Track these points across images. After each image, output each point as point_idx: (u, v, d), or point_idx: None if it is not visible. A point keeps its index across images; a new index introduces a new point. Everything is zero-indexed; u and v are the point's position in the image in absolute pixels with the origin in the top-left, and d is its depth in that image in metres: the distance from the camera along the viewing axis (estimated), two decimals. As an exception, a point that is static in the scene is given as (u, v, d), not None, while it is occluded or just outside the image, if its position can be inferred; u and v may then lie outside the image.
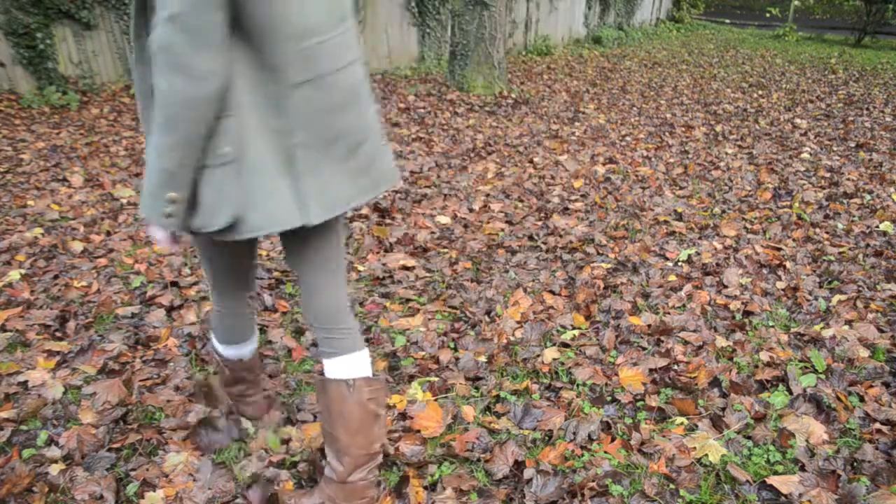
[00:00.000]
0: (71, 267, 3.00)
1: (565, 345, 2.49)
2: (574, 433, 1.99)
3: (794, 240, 3.53)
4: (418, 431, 1.99)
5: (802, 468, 1.88)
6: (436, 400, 2.14)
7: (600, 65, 9.79)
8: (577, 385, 2.25)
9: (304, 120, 1.26)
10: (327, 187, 1.30)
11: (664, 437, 1.99)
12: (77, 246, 3.20)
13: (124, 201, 3.84)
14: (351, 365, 1.52)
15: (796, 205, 4.03)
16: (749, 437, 2.01)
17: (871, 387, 2.24)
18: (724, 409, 2.12)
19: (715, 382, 2.24)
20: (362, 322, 2.62)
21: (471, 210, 3.86)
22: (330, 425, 1.52)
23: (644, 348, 2.47)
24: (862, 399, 2.20)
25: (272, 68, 1.21)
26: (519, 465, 1.86)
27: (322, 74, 1.25)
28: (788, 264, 3.18)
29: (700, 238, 3.54)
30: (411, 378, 2.27)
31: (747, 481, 1.81)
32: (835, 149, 5.41)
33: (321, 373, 1.57)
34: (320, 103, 1.26)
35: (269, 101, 1.23)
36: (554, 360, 2.38)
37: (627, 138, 5.60)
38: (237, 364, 1.86)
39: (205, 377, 2.12)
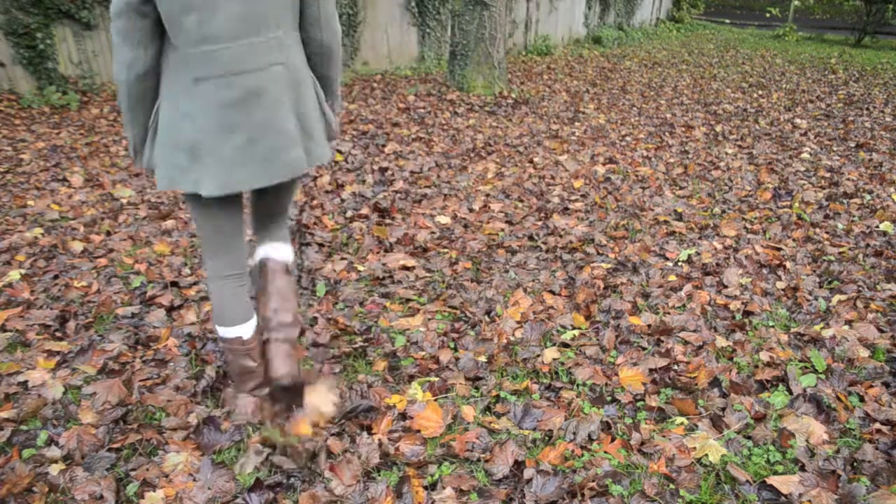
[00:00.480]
0: (71, 267, 3.00)
1: (565, 345, 2.49)
2: (574, 433, 1.99)
3: (794, 240, 3.53)
4: (418, 431, 1.99)
5: (802, 468, 1.88)
6: (436, 400, 2.14)
7: (600, 65, 9.79)
8: (577, 385, 2.25)
9: (205, 109, 1.54)
10: (225, 169, 1.58)
11: (664, 437, 1.99)
12: (77, 246, 3.20)
13: (124, 201, 3.84)
14: (278, 248, 1.96)
15: (796, 205, 4.03)
16: (749, 437, 2.01)
17: (871, 387, 2.24)
18: (724, 409, 2.12)
19: (715, 382, 2.24)
20: (362, 322, 2.62)
21: (471, 210, 3.85)
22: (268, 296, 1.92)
23: (644, 348, 2.47)
24: (862, 399, 2.20)
25: (183, 64, 1.53)
26: (519, 465, 1.86)
27: (223, 74, 1.53)
28: (788, 264, 3.18)
29: (700, 238, 3.54)
30: (411, 378, 2.27)
31: (747, 481, 1.81)
32: (835, 149, 5.41)
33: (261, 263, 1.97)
34: (219, 97, 1.54)
35: (182, 91, 1.55)
36: (554, 360, 2.38)
37: (627, 138, 5.60)
38: (238, 346, 1.89)
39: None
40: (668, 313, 2.73)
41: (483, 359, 2.38)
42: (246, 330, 1.90)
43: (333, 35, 1.71)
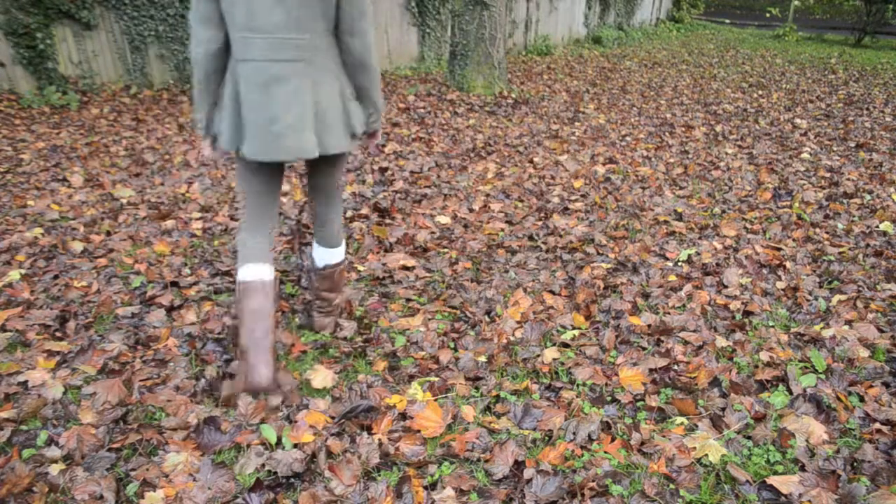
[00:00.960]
0: (71, 267, 3.00)
1: (565, 345, 2.49)
2: (574, 433, 1.99)
3: (794, 240, 3.53)
4: (418, 431, 1.99)
5: (802, 468, 1.88)
6: (436, 400, 2.14)
7: (600, 65, 9.79)
8: (577, 385, 2.25)
9: (244, 86, 1.87)
10: (253, 139, 1.89)
11: (664, 437, 1.99)
12: (77, 246, 3.20)
13: (124, 201, 3.84)
14: (330, 254, 2.38)
15: (796, 205, 4.03)
16: (749, 437, 2.01)
17: (871, 387, 2.24)
18: (724, 409, 2.12)
19: (715, 382, 2.24)
20: (362, 322, 2.62)
21: (471, 210, 3.85)
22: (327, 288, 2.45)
23: (644, 348, 2.47)
24: (862, 399, 2.20)
25: (233, 47, 1.88)
26: (519, 465, 1.86)
27: (256, 59, 1.84)
28: (788, 264, 3.18)
29: (700, 238, 3.54)
30: (411, 378, 2.27)
31: (747, 481, 1.81)
32: (835, 149, 5.41)
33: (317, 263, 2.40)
34: (252, 78, 1.86)
35: (232, 69, 1.90)
36: (554, 360, 2.38)
37: (627, 138, 5.61)
38: (258, 286, 2.08)
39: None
40: (668, 313, 2.73)
41: (483, 359, 2.38)
42: (266, 272, 2.12)
43: (363, 48, 1.94)
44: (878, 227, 3.70)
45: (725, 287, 2.97)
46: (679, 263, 3.21)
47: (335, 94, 1.95)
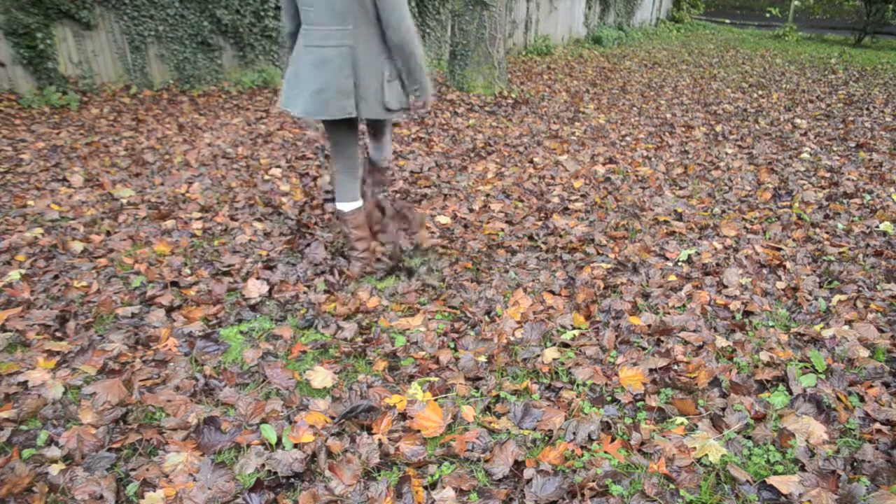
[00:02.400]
0: (71, 267, 3.00)
1: (565, 345, 2.49)
2: (574, 433, 1.99)
3: (794, 240, 3.53)
4: (418, 431, 1.99)
5: (802, 468, 1.88)
6: (436, 400, 2.14)
7: (600, 65, 9.79)
8: (577, 385, 2.25)
9: (304, 65, 2.52)
10: (306, 101, 2.51)
11: (664, 437, 1.99)
12: (77, 246, 3.20)
13: (124, 201, 3.84)
14: (384, 154, 3.03)
15: (796, 205, 4.03)
16: (749, 437, 2.01)
17: (871, 387, 2.24)
18: (724, 409, 2.12)
19: (715, 382, 2.24)
20: (362, 322, 2.62)
21: (471, 210, 3.85)
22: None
23: (644, 348, 2.47)
24: (862, 399, 2.20)
25: (300, 35, 2.55)
26: (519, 465, 1.86)
27: (311, 45, 2.48)
28: (788, 264, 3.18)
29: (700, 238, 3.54)
30: (411, 378, 2.27)
31: (747, 481, 1.81)
32: (835, 149, 5.41)
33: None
34: (308, 59, 2.49)
35: (298, 50, 2.55)
36: (554, 360, 2.38)
37: (627, 138, 5.60)
38: (348, 216, 2.86)
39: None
40: (668, 313, 2.73)
41: (483, 359, 2.38)
42: (357, 205, 2.88)
43: (399, 37, 2.40)
44: (878, 227, 3.70)
45: (725, 287, 2.97)
46: (679, 263, 3.21)
47: (375, 75, 2.49)
